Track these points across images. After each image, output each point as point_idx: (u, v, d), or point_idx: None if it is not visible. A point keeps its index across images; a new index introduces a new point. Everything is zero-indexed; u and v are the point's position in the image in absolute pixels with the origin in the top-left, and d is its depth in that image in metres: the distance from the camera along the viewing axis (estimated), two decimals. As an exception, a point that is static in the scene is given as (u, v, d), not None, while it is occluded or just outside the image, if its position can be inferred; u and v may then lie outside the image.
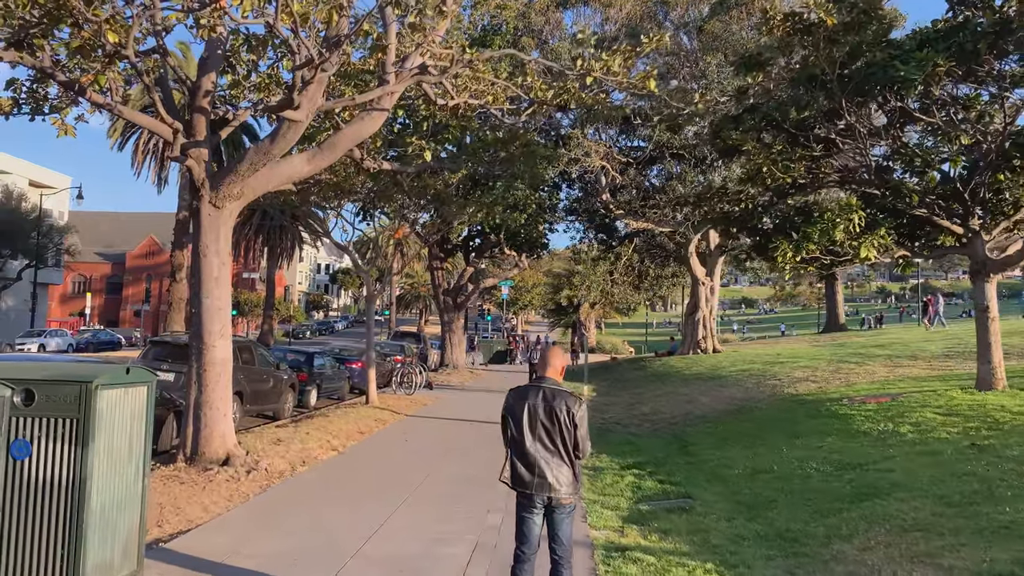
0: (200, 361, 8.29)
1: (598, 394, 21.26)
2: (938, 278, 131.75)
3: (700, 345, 28.40)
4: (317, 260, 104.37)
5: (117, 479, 4.52)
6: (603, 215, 27.95)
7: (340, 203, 15.85)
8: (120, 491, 4.55)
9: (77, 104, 9.66)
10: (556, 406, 3.91)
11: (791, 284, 45.90)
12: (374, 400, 15.77)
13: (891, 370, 15.04)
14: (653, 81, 8.11)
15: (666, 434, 11.88)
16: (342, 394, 18.80)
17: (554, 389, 3.99)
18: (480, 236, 30.36)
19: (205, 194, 8.38)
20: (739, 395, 14.94)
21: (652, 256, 30.42)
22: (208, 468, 7.92)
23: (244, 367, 12.60)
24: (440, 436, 12.13)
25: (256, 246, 43.50)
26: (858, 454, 7.70)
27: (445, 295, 29.40)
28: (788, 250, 9.91)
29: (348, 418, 12.98)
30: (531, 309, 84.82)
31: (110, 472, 4.40)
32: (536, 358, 27.02)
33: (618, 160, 22.13)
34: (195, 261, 8.54)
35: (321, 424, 11.92)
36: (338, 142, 8.98)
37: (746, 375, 18.85)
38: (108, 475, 4.38)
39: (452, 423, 13.90)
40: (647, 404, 16.96)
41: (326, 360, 17.98)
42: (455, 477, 8.59)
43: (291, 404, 14.64)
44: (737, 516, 6.55)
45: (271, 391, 13.51)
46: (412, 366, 20.39)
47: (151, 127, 8.33)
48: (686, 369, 23.91)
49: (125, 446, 4.59)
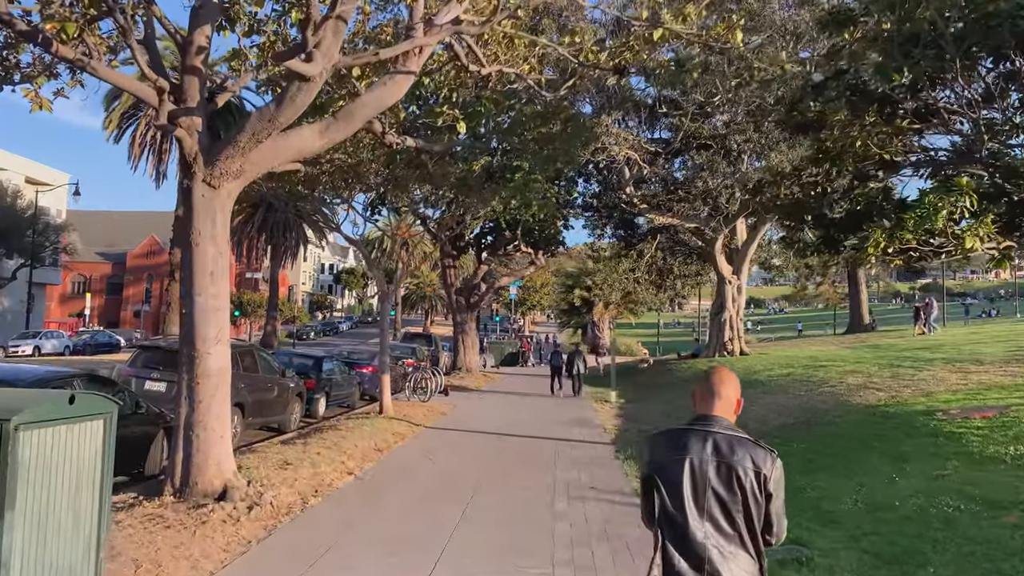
0: (192, 372, 6.86)
1: (627, 400, 19.80)
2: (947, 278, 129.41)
3: (727, 347, 26.91)
4: (321, 260, 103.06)
5: (55, 556, 3.08)
6: (623, 210, 26.49)
7: (352, 193, 14.41)
8: (60, 573, 3.11)
9: (54, 77, 8.35)
10: (737, 465, 2.46)
11: (814, 284, 44.32)
12: (388, 410, 14.33)
13: (963, 377, 13.54)
14: (739, 33, 6.66)
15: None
16: (352, 401, 17.39)
17: (731, 437, 2.54)
18: (493, 233, 28.94)
19: (198, 171, 6.95)
20: (794, 404, 13.47)
21: (675, 253, 28.91)
22: (201, 504, 6.48)
23: (245, 375, 11.18)
24: (468, 454, 10.68)
25: (259, 244, 42.14)
26: (1003, 487, 6.24)
27: (458, 295, 27.97)
28: (881, 240, 8.44)
29: (362, 432, 11.54)
30: (539, 310, 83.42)
31: (41, 549, 2.96)
32: (557, 360, 25.56)
33: (646, 149, 20.67)
34: (186, 252, 7.10)
35: (333, 440, 10.48)
36: (355, 111, 7.54)
37: (789, 380, 17.38)
38: (37, 554, 2.94)
39: (478, 437, 12.45)
40: (686, 413, 15.48)
41: (335, 365, 16.56)
42: (499, 513, 7.15)
43: (298, 415, 13.23)
44: (875, 574, 5.10)
45: (276, 401, 12.09)
46: (427, 370, 18.97)
47: (132, 89, 6.91)
48: (717, 373, 22.46)
49: (67, 507, 3.15)
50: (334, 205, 17.33)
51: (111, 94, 26.60)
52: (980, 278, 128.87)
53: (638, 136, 21.14)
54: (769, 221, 26.15)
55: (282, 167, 8.03)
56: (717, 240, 26.03)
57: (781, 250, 28.41)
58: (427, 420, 14.17)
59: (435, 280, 70.08)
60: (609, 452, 11.16)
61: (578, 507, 7.36)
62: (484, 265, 29.12)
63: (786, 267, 31.32)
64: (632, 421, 15.25)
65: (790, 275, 34.10)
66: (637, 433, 13.26)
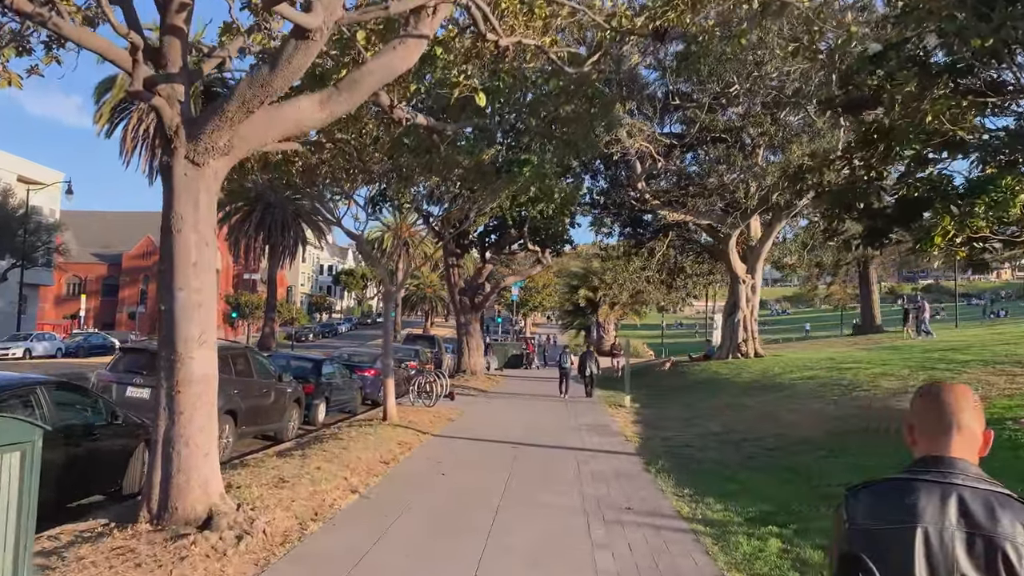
0: (172, 378, 5.91)
1: (642, 405, 18.85)
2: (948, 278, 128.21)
3: (740, 348, 25.98)
4: (320, 261, 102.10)
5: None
6: (632, 207, 25.54)
7: (353, 185, 13.45)
8: None
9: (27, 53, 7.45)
10: (1004, 540, 1.52)
11: (824, 284, 43.43)
12: (393, 416, 13.38)
13: (1010, 380, 12.59)
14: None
15: (771, 465, 9.46)
16: (354, 407, 16.44)
17: (987, 494, 1.60)
18: (498, 231, 27.99)
19: (179, 146, 5.99)
20: (832, 411, 12.53)
21: (686, 252, 27.94)
22: (181, 534, 5.52)
23: (239, 380, 10.24)
24: (482, 466, 9.73)
25: (256, 244, 41.14)
26: None
27: (461, 295, 27.01)
28: (950, 228, 7.50)
29: (366, 442, 10.59)
30: (540, 311, 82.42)
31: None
32: (567, 361, 24.62)
33: (660, 142, 19.72)
34: (165, 240, 6.14)
35: (334, 451, 9.53)
36: (361, 79, 6.58)
37: (815, 384, 16.45)
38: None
39: (491, 447, 11.50)
40: (710, 419, 14.54)
41: (335, 368, 15.60)
42: (528, 542, 6.20)
43: (296, 422, 12.28)
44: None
45: (272, 408, 11.13)
46: (432, 374, 18.01)
47: (100, 49, 5.94)
48: (735, 376, 21.52)
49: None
50: (335, 200, 16.32)
51: (102, 86, 25.59)
52: (982, 279, 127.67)
53: (652, 129, 20.21)
54: (786, 218, 25.25)
55: (277, 144, 7.08)
56: (731, 237, 25.10)
57: (797, 248, 27.48)
58: (434, 427, 13.22)
59: (435, 281, 68.99)
60: (636, 464, 10.22)
61: (617, 533, 6.40)
62: (489, 264, 28.15)
63: (799, 266, 30.37)
64: (653, 428, 14.31)
65: (800, 274, 33.13)
66: (661, 442, 12.33)
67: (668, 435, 13.16)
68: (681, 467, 9.88)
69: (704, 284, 30.96)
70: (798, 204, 23.65)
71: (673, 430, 13.87)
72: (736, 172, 20.79)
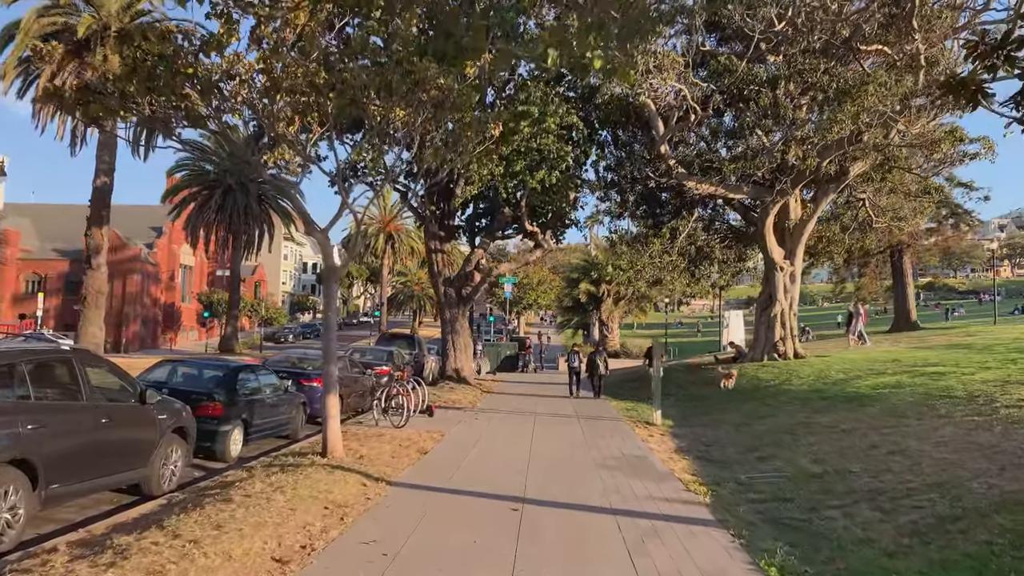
0: None
1: (676, 423, 14.59)
2: (946, 275, 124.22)
3: (777, 348, 21.80)
4: (303, 259, 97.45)
5: None
6: (646, 183, 21.29)
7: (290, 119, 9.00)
8: None
9: None
10: None
11: (853, 279, 39.44)
12: (335, 450, 9.08)
13: None
14: None
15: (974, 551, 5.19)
16: (294, 429, 12.10)
17: None
18: (489, 215, 23.72)
19: None
20: (986, 439, 8.30)
21: (714, 233, 23.69)
22: None
23: (51, 406, 5.94)
24: (461, 561, 5.46)
25: (219, 234, 36.60)
26: None
27: (447, 285, 22.68)
28: None
29: (272, 506, 6.30)
30: (535, 309, 78.10)
31: None
32: (575, 360, 20.93)
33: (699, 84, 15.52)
34: None
35: (206, 528, 5.25)
36: None
37: (909, 393, 12.27)
38: None
39: (482, 509, 7.21)
40: (787, 448, 10.28)
41: (264, 379, 11.22)
42: None
43: (179, 464, 7.94)
44: None
45: (115, 449, 6.79)
46: (403, 383, 13.70)
47: None
48: (783, 382, 17.29)
49: None
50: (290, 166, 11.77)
51: (5, 34, 20.99)
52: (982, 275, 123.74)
53: (687, 68, 15.89)
54: (834, 192, 21.10)
55: None
56: (768, 215, 20.91)
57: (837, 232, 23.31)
58: (396, 467, 8.92)
59: (424, 278, 64.43)
60: (722, 540, 5.99)
61: None
62: (479, 249, 23.85)
63: (838, 253, 26.21)
64: (711, 463, 10.06)
65: (837, 262, 29.02)
66: (740, 493, 8.08)
67: (742, 477, 8.91)
68: (810, 554, 5.64)
69: (733, 273, 26.72)
70: (850, 174, 19.54)
71: (743, 466, 9.62)
72: (784, 128, 16.60)
